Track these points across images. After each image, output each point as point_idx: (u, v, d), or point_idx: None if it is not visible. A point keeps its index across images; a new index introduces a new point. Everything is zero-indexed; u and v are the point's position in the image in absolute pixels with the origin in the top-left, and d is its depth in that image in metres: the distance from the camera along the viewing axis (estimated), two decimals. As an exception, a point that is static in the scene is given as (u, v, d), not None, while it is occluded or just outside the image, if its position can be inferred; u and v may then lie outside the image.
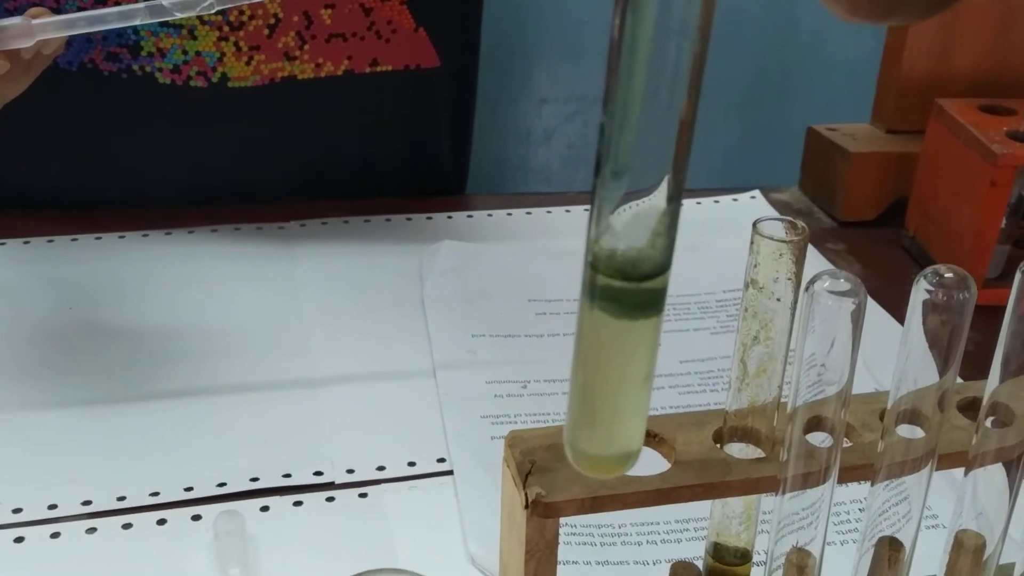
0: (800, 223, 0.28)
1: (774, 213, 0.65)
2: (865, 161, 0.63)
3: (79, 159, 0.60)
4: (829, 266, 0.59)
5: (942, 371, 0.27)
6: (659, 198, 0.18)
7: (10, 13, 0.42)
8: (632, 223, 0.18)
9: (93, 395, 0.46)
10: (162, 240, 0.58)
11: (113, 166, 0.60)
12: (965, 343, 0.27)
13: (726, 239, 0.61)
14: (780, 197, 0.68)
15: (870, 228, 0.64)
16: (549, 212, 0.64)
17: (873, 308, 0.55)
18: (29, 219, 0.58)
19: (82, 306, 0.52)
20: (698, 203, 0.66)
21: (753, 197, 0.67)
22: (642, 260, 0.19)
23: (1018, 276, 0.27)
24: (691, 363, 0.50)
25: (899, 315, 0.55)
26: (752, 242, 0.28)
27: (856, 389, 0.28)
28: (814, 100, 1.22)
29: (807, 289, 0.25)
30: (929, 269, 0.26)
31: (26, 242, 0.57)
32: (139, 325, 0.51)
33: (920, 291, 0.26)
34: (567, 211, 0.64)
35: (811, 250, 0.61)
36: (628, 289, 0.19)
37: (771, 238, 0.27)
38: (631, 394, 0.21)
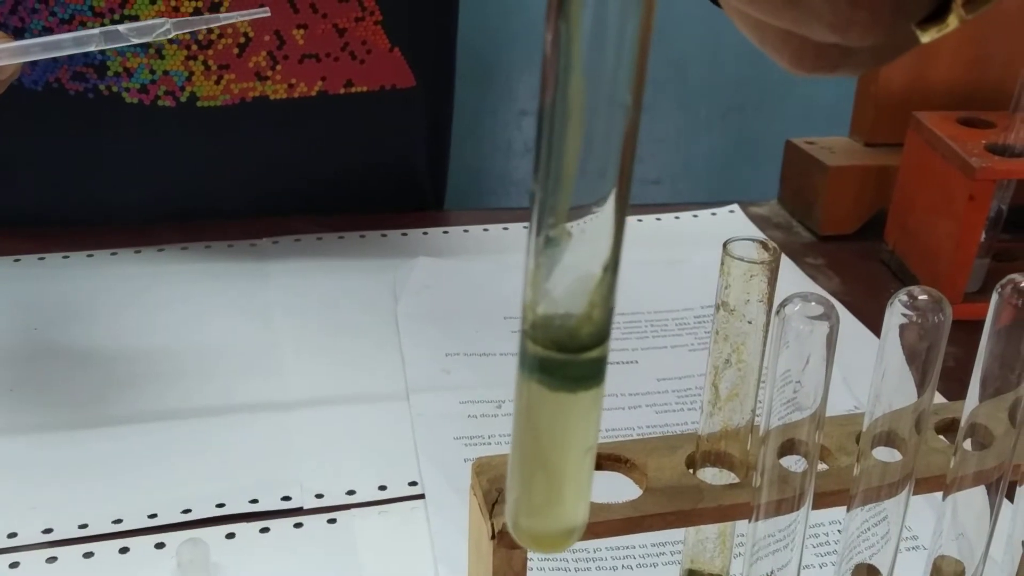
0: (771, 243, 0.27)
1: (753, 227, 0.65)
2: (843, 175, 0.63)
3: (46, 178, 0.59)
4: (808, 281, 0.59)
5: (919, 392, 0.27)
6: (596, 265, 0.17)
7: None
8: (570, 291, 0.17)
9: (55, 419, 0.45)
10: (131, 258, 0.57)
11: (81, 185, 0.59)
12: (942, 361, 0.26)
13: (705, 254, 0.60)
14: (759, 211, 0.67)
15: (849, 242, 0.63)
16: (526, 227, 0.63)
17: (852, 323, 0.54)
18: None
19: (47, 327, 0.51)
20: (676, 217, 0.66)
21: (732, 211, 0.67)
22: (580, 330, 0.18)
23: (995, 297, 0.26)
24: (668, 381, 0.49)
25: (878, 330, 0.54)
26: (723, 263, 0.27)
27: (835, 406, 0.27)
28: (794, 112, 1.22)
29: (778, 312, 0.24)
30: (904, 291, 0.25)
31: (-9, 261, 0.56)
32: (106, 346, 0.50)
33: (895, 314, 0.25)
34: (544, 226, 0.63)
35: (790, 265, 0.60)
36: (566, 361, 0.18)
37: (742, 259, 0.26)
38: (572, 469, 0.19)
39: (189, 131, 0.57)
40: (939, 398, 0.39)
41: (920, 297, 0.24)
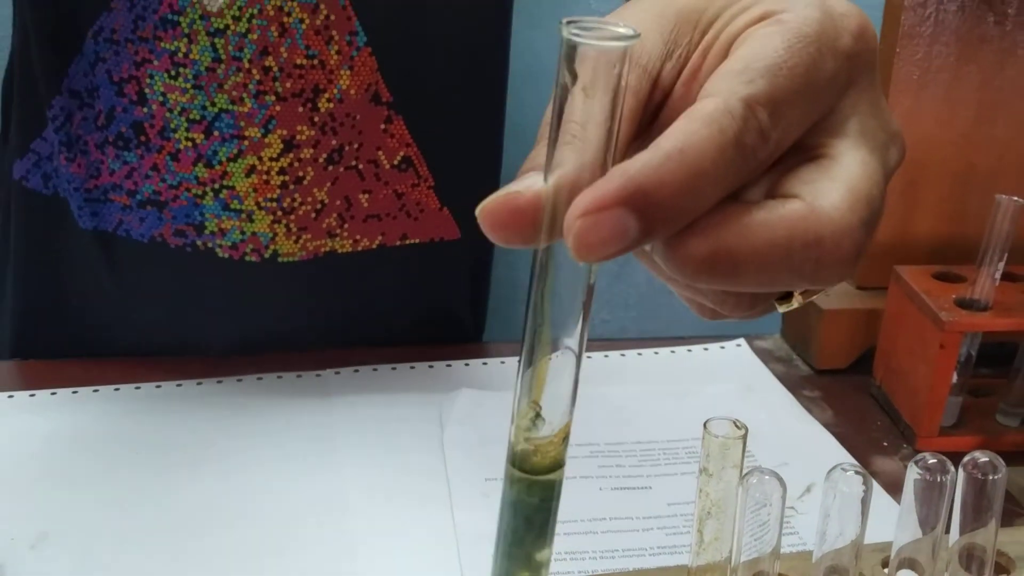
0: (741, 422, 0.35)
1: (759, 361, 0.73)
2: (837, 317, 0.71)
3: (148, 317, 0.69)
4: (805, 413, 0.66)
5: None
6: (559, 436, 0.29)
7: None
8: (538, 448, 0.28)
9: (148, 538, 0.53)
10: (214, 388, 0.66)
11: (176, 324, 0.69)
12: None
13: (713, 386, 0.69)
14: (763, 345, 0.75)
15: (842, 375, 0.71)
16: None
17: (841, 454, 0.62)
18: (99, 368, 0.67)
19: (146, 450, 0.60)
20: (689, 350, 0.74)
21: (739, 345, 0.75)
22: (543, 464, 0.29)
23: (910, 475, 0.34)
24: (677, 506, 0.57)
25: (863, 460, 0.62)
26: (703, 438, 0.35)
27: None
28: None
29: (741, 483, 0.33)
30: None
31: (95, 390, 0.65)
32: (195, 466, 0.59)
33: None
34: (572, 359, 0.72)
35: (788, 397, 0.68)
36: (533, 481, 0.29)
37: (717, 436, 0.35)
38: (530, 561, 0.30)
39: (270, 281, 0.66)
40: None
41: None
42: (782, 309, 0.33)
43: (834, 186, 0.29)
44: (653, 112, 0.32)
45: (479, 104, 0.70)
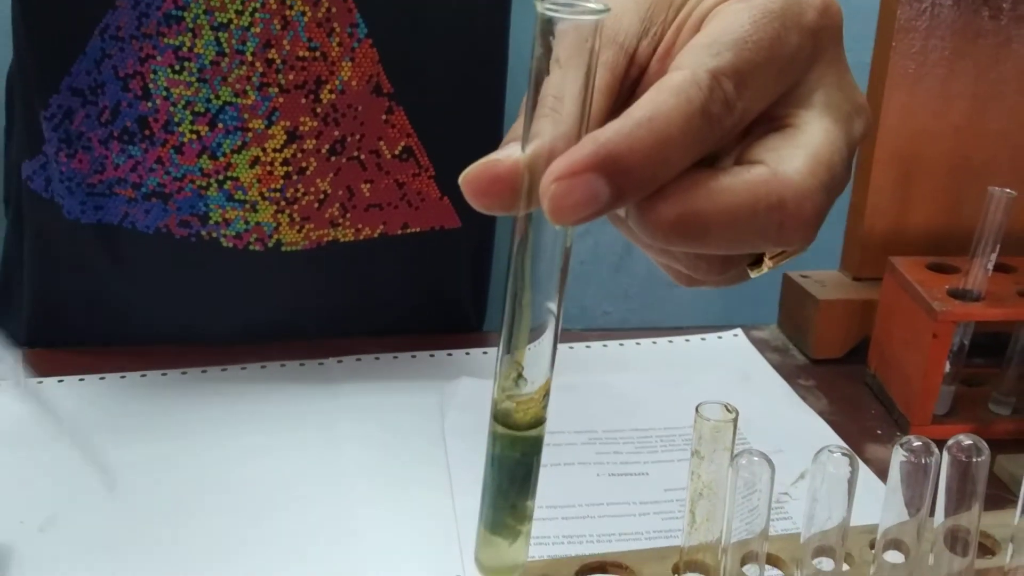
0: (732, 406, 0.36)
1: (755, 351, 0.74)
2: (832, 307, 0.72)
3: (153, 306, 0.70)
4: (800, 401, 0.68)
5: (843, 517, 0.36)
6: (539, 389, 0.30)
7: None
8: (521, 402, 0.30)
9: (150, 518, 0.54)
10: (218, 375, 0.67)
11: (181, 312, 0.70)
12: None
13: (711, 375, 0.70)
14: (760, 335, 0.76)
15: (837, 365, 0.72)
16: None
17: (835, 442, 0.63)
18: (105, 357, 0.68)
19: (151, 435, 0.61)
20: (687, 340, 0.75)
21: (736, 335, 0.76)
22: (525, 420, 0.31)
23: (896, 455, 0.35)
24: (674, 491, 0.58)
25: (856, 448, 0.63)
26: (695, 422, 0.36)
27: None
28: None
29: (732, 464, 0.34)
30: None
31: (101, 378, 0.66)
32: (200, 451, 0.60)
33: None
34: (570, 348, 0.73)
35: (784, 385, 0.69)
36: (516, 437, 0.31)
37: (709, 419, 0.36)
38: (512, 532, 0.32)
39: (274, 270, 0.67)
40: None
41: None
42: (753, 274, 0.35)
43: (797, 152, 0.31)
44: (630, 87, 0.34)
45: (479, 94, 0.71)
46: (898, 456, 0.36)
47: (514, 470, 0.31)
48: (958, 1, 0.69)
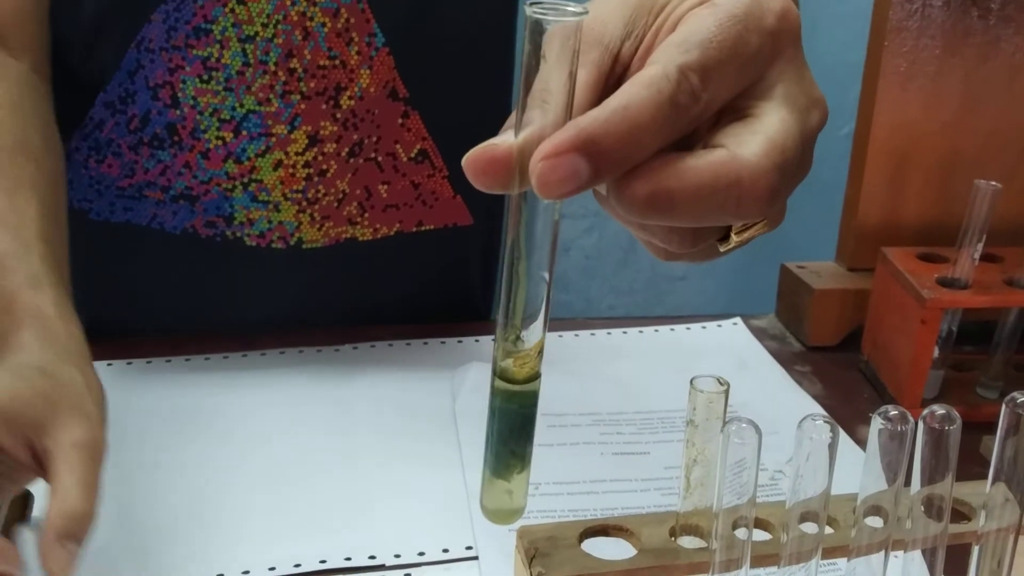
0: (724, 379, 0.39)
1: (753, 339, 0.77)
2: (827, 296, 0.75)
3: (180, 300, 0.74)
4: (796, 386, 0.70)
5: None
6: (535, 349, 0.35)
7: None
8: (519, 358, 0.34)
9: (198, 485, 0.57)
10: (239, 361, 0.70)
11: (207, 306, 0.73)
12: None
13: (710, 362, 0.73)
14: (758, 323, 0.79)
15: (833, 352, 0.75)
16: (560, 336, 0.76)
17: (828, 423, 0.66)
18: (133, 344, 0.71)
19: (175, 417, 0.64)
20: (687, 328, 0.78)
21: (735, 323, 0.79)
22: (522, 375, 0.35)
23: (874, 425, 0.38)
24: (673, 469, 0.61)
25: (849, 429, 0.66)
26: (690, 394, 0.39)
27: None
28: (796, 238, 1.35)
29: (723, 430, 0.37)
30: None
31: (128, 363, 0.70)
32: (226, 428, 0.63)
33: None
34: (575, 335, 0.76)
35: (780, 371, 0.72)
36: (515, 391, 0.35)
37: (703, 391, 0.39)
38: (513, 477, 0.36)
39: (294, 266, 0.71)
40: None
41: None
42: (722, 248, 0.39)
43: (754, 138, 0.35)
44: (615, 83, 0.37)
45: (489, 98, 0.75)
46: (876, 424, 0.38)
47: (513, 420, 0.35)
48: (948, 2, 0.72)
